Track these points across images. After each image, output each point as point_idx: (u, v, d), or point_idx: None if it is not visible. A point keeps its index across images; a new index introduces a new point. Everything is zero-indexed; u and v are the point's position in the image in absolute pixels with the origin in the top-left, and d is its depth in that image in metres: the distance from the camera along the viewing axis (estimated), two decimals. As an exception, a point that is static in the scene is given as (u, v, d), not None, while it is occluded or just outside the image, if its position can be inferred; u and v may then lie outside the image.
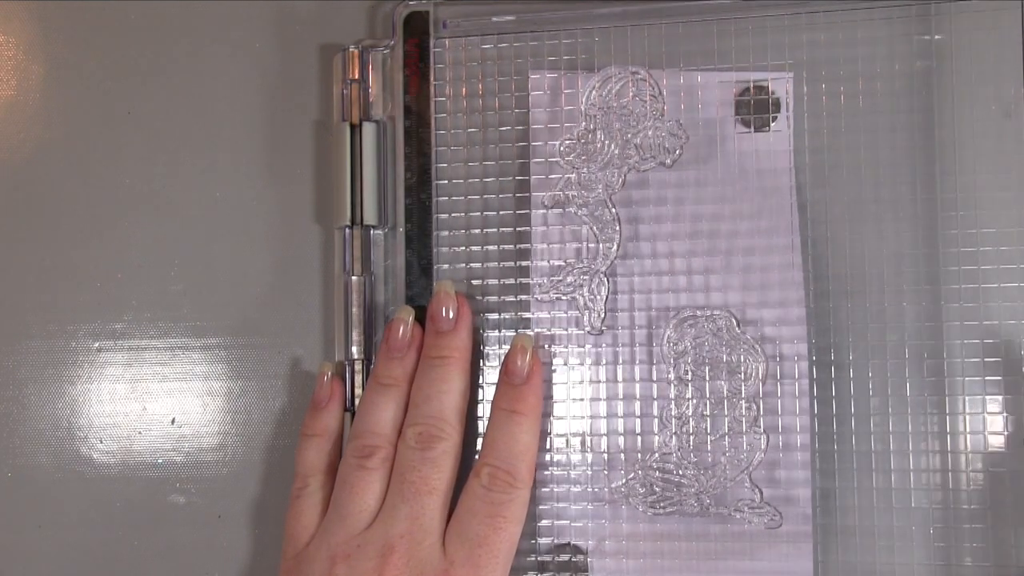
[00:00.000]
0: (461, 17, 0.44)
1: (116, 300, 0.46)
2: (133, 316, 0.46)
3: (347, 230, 0.44)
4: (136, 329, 0.46)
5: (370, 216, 0.44)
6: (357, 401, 0.43)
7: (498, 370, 0.42)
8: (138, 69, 0.46)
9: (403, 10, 0.44)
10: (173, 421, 0.45)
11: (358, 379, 0.43)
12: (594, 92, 0.44)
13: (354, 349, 0.43)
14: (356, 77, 0.44)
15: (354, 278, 0.44)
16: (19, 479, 0.45)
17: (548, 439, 0.43)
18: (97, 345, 0.46)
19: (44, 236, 0.46)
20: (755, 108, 0.43)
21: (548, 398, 0.43)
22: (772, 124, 0.43)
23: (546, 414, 0.42)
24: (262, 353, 0.45)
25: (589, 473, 0.43)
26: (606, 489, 0.43)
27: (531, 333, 0.43)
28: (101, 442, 0.45)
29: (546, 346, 0.43)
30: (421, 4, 0.44)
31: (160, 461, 0.45)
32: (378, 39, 0.45)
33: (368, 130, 0.44)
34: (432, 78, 0.44)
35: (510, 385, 0.41)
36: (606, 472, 0.43)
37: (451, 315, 0.42)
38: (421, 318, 0.43)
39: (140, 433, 0.45)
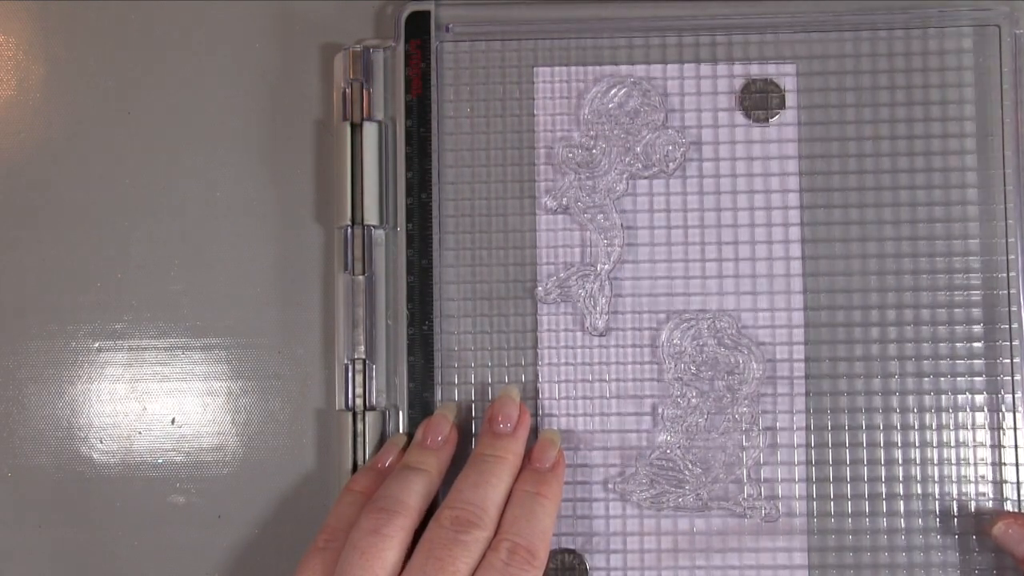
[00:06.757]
0: (463, 18, 0.45)
1: (116, 300, 0.45)
2: (133, 316, 0.45)
3: (348, 229, 0.44)
4: (136, 329, 0.45)
5: (371, 215, 0.44)
6: (358, 400, 0.43)
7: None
8: (138, 69, 0.46)
9: (405, 10, 0.44)
10: (173, 421, 0.45)
11: (358, 379, 0.44)
12: (596, 100, 0.44)
13: (355, 349, 0.44)
14: (357, 76, 0.44)
15: (355, 278, 0.44)
16: (19, 479, 0.45)
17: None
18: (97, 345, 0.46)
19: (44, 236, 0.46)
20: (758, 100, 0.44)
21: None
22: (776, 117, 0.44)
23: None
24: (262, 353, 0.45)
25: (590, 470, 0.43)
26: (609, 485, 0.43)
27: (556, 430, 0.44)
28: (101, 442, 0.45)
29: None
30: (423, 4, 0.44)
31: (160, 461, 0.45)
32: (379, 39, 0.45)
33: (369, 130, 0.44)
34: (434, 79, 0.44)
35: (534, 470, 0.41)
36: (605, 469, 0.43)
37: (510, 426, 0.42)
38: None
39: (140, 433, 0.45)
